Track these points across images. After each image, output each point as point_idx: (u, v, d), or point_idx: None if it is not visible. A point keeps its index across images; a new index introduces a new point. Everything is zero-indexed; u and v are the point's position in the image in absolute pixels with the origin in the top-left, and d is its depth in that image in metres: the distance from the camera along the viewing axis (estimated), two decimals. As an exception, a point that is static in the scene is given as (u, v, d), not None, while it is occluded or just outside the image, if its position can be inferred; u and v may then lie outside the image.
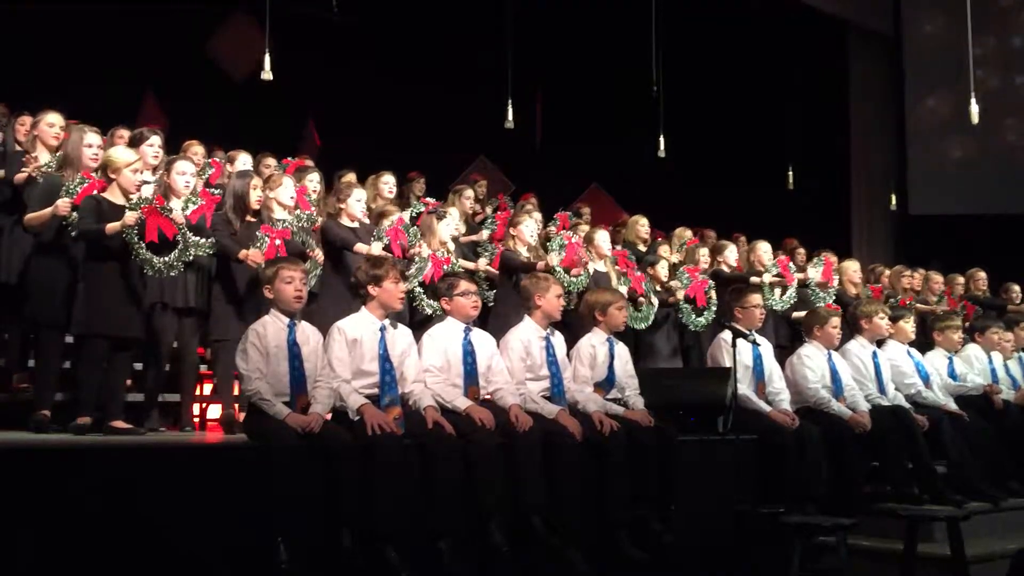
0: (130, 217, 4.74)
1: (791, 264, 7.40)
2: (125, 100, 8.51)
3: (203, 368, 6.00)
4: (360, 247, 5.63)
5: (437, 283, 5.35)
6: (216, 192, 5.75)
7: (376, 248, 5.63)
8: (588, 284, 6.32)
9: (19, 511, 3.48)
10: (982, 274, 9.00)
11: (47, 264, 5.11)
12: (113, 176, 4.94)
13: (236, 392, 5.24)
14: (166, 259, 4.83)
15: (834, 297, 7.17)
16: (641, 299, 6.72)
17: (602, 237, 6.93)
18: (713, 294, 6.96)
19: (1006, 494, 6.07)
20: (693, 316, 6.89)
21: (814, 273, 7.22)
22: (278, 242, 5.24)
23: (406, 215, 6.22)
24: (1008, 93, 12.72)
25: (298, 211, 5.79)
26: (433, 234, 6.26)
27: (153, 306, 5.22)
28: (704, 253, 7.69)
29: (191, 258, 4.99)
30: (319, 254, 5.56)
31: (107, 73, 8.55)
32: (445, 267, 5.99)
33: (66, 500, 3.58)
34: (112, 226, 4.73)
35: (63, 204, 4.91)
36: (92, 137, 5.26)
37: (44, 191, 5.10)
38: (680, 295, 6.87)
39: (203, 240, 5.07)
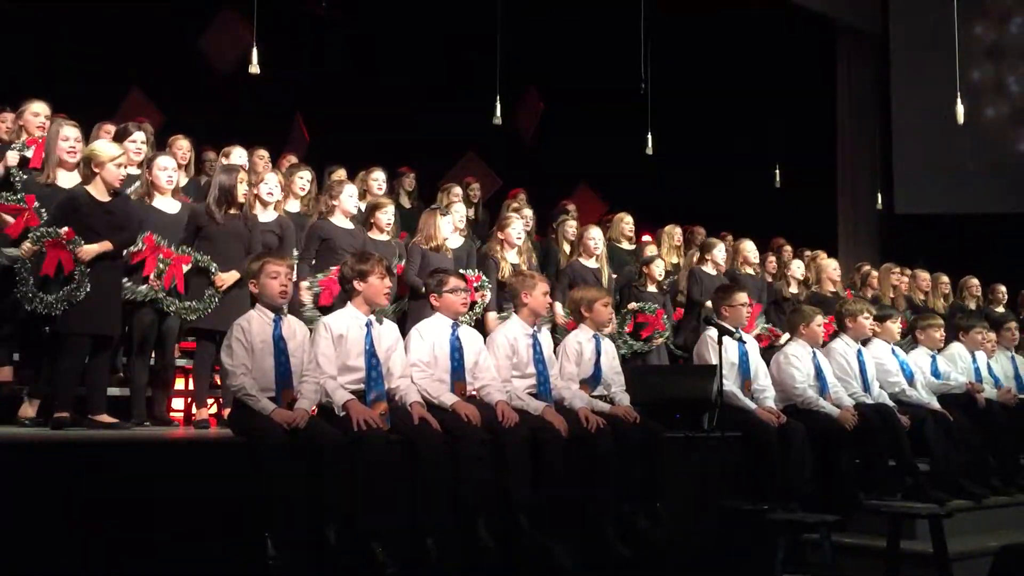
0: (26, 250, 4.62)
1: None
2: (113, 96, 8.47)
3: (188, 363, 5.98)
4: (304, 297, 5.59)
5: (427, 279, 5.34)
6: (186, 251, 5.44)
7: (307, 299, 5.58)
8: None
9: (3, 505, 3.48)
10: (975, 281, 8.98)
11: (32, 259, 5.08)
12: (97, 170, 4.89)
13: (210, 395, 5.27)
14: (51, 298, 4.63)
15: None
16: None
17: (594, 234, 6.92)
18: (657, 341, 6.85)
19: (988, 492, 6.13)
20: (627, 335, 6.80)
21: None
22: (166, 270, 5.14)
23: (388, 212, 6.17)
24: (995, 93, 12.78)
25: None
26: (436, 231, 6.21)
27: (136, 304, 5.19)
28: (695, 256, 7.72)
29: (77, 300, 4.69)
30: (226, 282, 5.25)
31: (94, 69, 8.49)
32: (476, 284, 6.01)
33: (50, 494, 3.57)
34: (9, 252, 4.67)
35: (27, 249, 4.74)
36: (69, 130, 5.23)
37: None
38: (632, 306, 6.84)
39: (189, 304, 5.11)
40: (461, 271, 5.74)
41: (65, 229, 4.70)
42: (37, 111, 5.53)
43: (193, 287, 5.20)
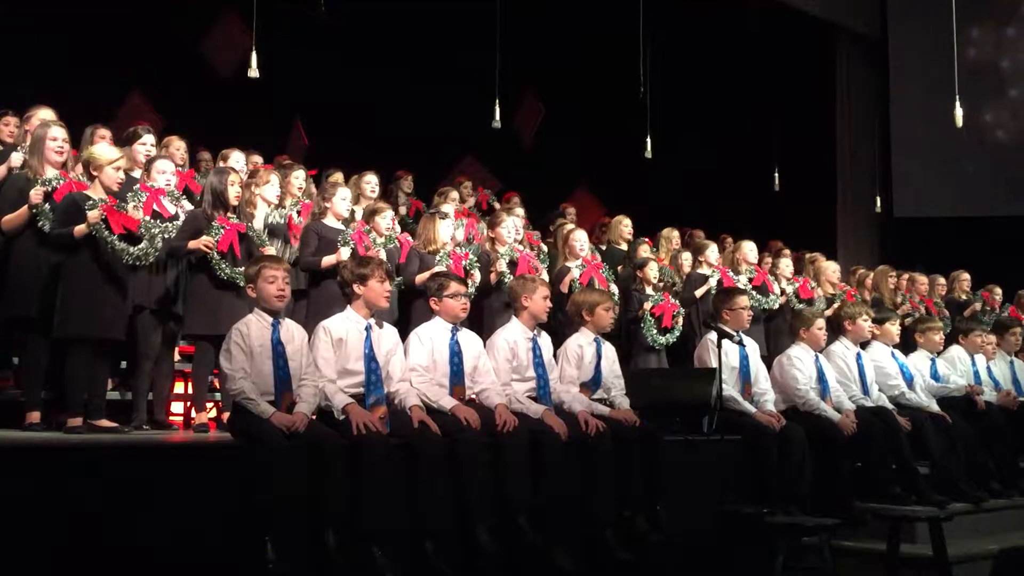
0: (93, 215, 4.71)
1: (770, 276, 7.59)
2: (113, 98, 8.48)
3: (188, 367, 5.98)
4: (327, 260, 5.63)
5: (427, 282, 5.34)
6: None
7: (345, 254, 5.61)
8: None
9: (4, 510, 3.47)
10: (966, 276, 9.05)
11: (26, 261, 5.07)
12: (95, 173, 4.90)
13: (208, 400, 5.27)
14: (139, 248, 4.82)
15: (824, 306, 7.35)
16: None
17: (578, 236, 6.92)
18: (680, 320, 6.96)
19: (988, 495, 6.12)
20: (655, 332, 6.84)
21: (789, 288, 7.48)
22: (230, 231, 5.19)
23: (386, 217, 6.16)
24: (993, 96, 12.79)
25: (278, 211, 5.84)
26: (435, 235, 6.22)
27: (135, 308, 5.19)
28: (687, 257, 7.72)
29: (160, 245, 4.96)
30: (271, 250, 5.41)
31: (93, 71, 8.49)
32: (464, 262, 6.05)
33: (50, 497, 3.56)
34: (80, 228, 4.71)
35: (35, 193, 4.90)
36: (57, 131, 5.22)
37: (15, 190, 5.08)
38: (647, 306, 6.88)
39: (168, 224, 5.10)
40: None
41: (108, 196, 4.85)
42: (44, 117, 5.52)
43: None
